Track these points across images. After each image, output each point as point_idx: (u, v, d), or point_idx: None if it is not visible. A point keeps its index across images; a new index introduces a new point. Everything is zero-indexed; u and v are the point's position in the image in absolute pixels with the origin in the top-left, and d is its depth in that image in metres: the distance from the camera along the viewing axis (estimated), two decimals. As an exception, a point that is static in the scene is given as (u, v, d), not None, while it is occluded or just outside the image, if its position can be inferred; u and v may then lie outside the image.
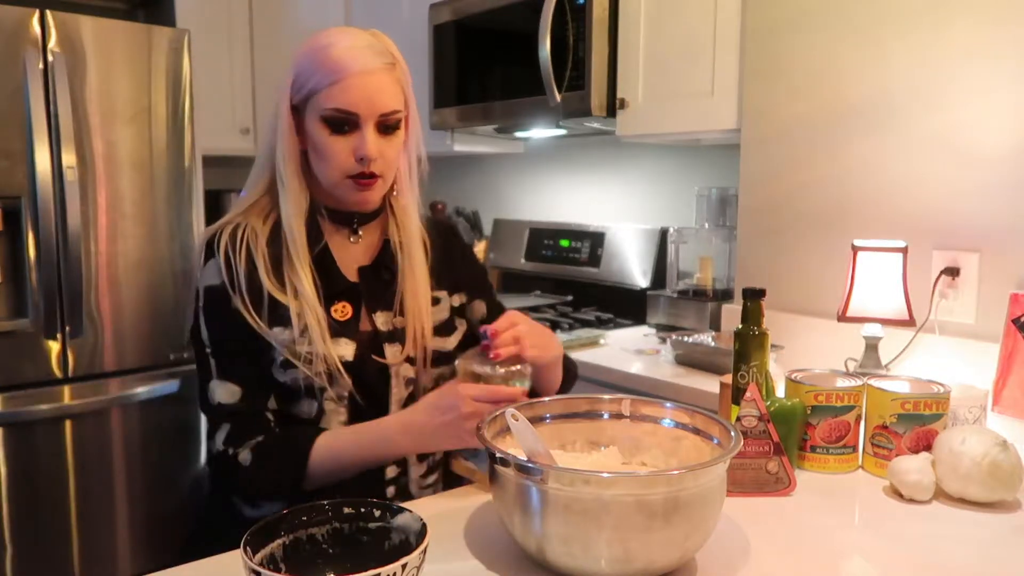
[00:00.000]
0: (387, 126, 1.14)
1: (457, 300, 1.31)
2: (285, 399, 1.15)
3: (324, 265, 1.18)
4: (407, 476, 1.22)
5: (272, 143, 1.18)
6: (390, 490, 1.20)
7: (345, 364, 1.15)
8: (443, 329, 1.26)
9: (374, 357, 1.18)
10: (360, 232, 1.23)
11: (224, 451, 1.12)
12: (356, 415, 1.17)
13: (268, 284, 1.13)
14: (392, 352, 1.20)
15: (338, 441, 1.12)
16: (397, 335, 1.21)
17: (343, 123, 1.12)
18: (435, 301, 1.26)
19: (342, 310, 1.18)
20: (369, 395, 1.18)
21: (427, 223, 1.31)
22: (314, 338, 1.12)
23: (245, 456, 1.11)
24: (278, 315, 1.13)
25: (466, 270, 1.35)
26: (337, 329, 1.16)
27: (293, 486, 1.11)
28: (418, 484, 1.23)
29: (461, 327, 1.30)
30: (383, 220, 1.26)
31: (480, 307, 1.34)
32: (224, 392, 1.13)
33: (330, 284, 1.18)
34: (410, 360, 1.21)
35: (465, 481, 1.20)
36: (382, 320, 1.21)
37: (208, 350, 1.15)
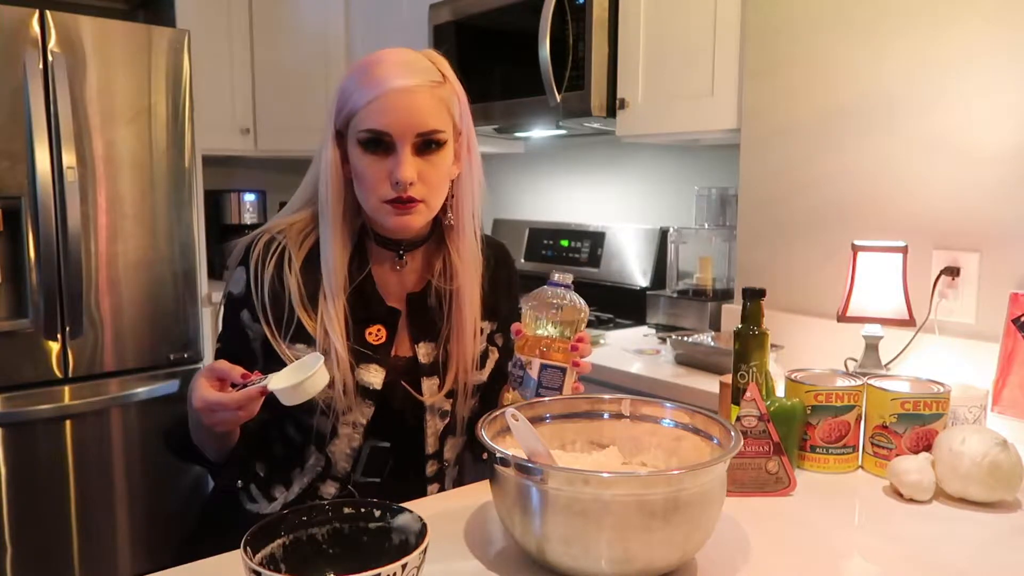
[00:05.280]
0: (427, 147, 1.07)
1: (489, 328, 1.26)
2: (302, 408, 1.12)
3: (365, 291, 1.14)
4: (444, 477, 1.22)
5: (316, 172, 1.13)
6: (432, 487, 1.21)
7: (371, 392, 1.12)
8: (480, 360, 1.22)
9: (407, 387, 1.15)
10: (406, 259, 1.17)
11: None
12: (381, 446, 1.15)
13: (299, 310, 1.10)
14: (429, 386, 1.16)
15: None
16: (437, 368, 1.17)
17: (378, 144, 1.06)
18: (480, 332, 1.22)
19: (376, 333, 1.14)
20: (400, 426, 1.15)
21: (486, 246, 1.25)
22: (339, 362, 1.08)
23: None
24: (304, 334, 1.10)
25: (508, 302, 1.30)
26: (368, 354, 1.13)
27: (182, 436, 1.06)
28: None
29: (493, 355, 1.25)
30: (435, 247, 1.20)
31: (499, 340, 1.28)
32: None
33: (367, 308, 1.14)
34: (448, 394, 1.18)
35: (469, 480, 1.20)
36: (424, 351, 1.17)
37: (217, 346, 1.17)
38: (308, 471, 1.16)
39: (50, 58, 2.29)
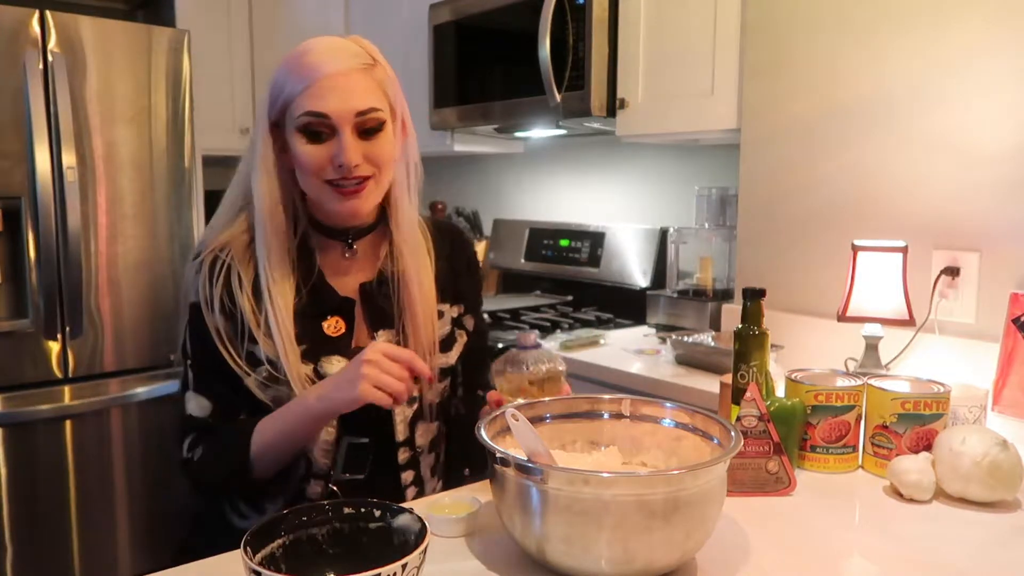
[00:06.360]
0: (367, 128, 1.08)
1: (456, 311, 1.27)
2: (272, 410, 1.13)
3: (315, 285, 1.14)
4: (418, 464, 1.21)
5: (248, 170, 1.14)
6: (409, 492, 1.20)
7: None
8: (445, 344, 1.22)
9: None
10: (355, 247, 1.18)
11: (188, 458, 1.15)
12: (351, 433, 1.14)
13: (255, 330, 1.10)
14: None
15: (265, 419, 1.10)
16: None
17: (319, 129, 1.06)
18: (439, 315, 1.22)
19: (335, 325, 1.15)
20: (369, 414, 1.14)
21: (433, 228, 1.26)
22: (290, 362, 1.09)
23: (197, 452, 1.14)
24: (256, 351, 1.11)
25: (469, 282, 1.30)
26: (329, 346, 1.13)
27: (241, 472, 1.10)
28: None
29: (461, 339, 1.26)
30: (382, 233, 1.20)
31: (469, 323, 1.29)
32: (196, 405, 1.15)
33: (322, 302, 1.14)
34: (414, 379, 1.18)
35: (465, 481, 1.19)
36: (384, 340, 1.17)
37: (188, 362, 1.17)
38: (292, 472, 1.14)
39: (50, 58, 2.29)
